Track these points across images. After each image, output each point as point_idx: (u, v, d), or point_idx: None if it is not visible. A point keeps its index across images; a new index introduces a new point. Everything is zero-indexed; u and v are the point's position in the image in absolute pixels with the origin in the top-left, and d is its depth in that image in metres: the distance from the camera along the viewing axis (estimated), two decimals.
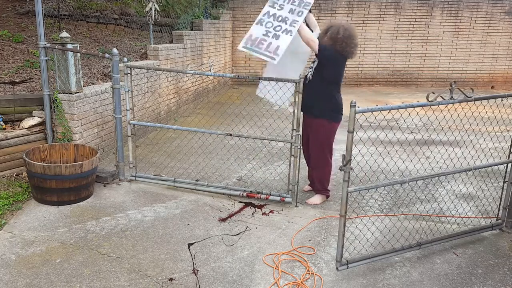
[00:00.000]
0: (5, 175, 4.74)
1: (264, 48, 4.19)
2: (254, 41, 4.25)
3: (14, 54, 6.57)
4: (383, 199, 4.83)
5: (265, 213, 4.37)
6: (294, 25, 4.26)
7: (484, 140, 5.67)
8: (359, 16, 13.08)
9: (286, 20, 4.31)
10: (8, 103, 5.00)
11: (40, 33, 4.77)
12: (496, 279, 3.40)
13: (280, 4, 4.42)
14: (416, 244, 3.67)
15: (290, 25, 4.27)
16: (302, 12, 4.33)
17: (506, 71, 14.21)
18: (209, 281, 3.22)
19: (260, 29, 4.31)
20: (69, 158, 4.85)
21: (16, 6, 8.41)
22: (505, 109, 4.63)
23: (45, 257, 3.44)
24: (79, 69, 5.08)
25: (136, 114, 6.29)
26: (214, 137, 6.33)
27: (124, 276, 3.24)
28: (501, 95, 3.83)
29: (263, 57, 4.16)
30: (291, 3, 4.39)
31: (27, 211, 4.21)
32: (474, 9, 13.46)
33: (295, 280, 3.28)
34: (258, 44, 4.22)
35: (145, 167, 5.49)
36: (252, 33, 4.30)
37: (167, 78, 7.67)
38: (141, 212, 4.29)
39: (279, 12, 4.37)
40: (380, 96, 11.85)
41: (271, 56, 4.14)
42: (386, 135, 5.85)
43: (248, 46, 4.23)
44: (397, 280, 3.33)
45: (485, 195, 4.99)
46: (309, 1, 4.38)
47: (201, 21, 9.61)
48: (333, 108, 4.44)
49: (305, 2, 4.36)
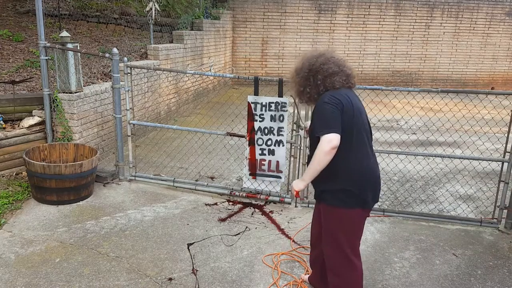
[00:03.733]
0: (4, 174, 4.74)
1: (268, 169, 4.50)
2: (256, 166, 4.50)
3: (14, 53, 6.57)
4: (383, 201, 4.83)
5: (264, 214, 4.37)
6: (282, 134, 4.39)
7: (483, 143, 5.67)
8: (359, 17, 13.09)
9: (273, 130, 4.41)
10: (8, 102, 5.00)
11: (40, 33, 4.77)
12: (495, 280, 3.40)
13: (259, 115, 4.41)
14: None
15: (278, 135, 4.41)
16: (282, 115, 4.36)
17: (506, 72, 14.22)
18: (208, 281, 3.22)
19: (255, 150, 4.48)
20: (69, 157, 4.84)
21: (17, 6, 8.41)
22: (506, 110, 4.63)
23: (45, 257, 3.44)
24: (79, 68, 5.08)
25: (136, 114, 6.29)
26: (214, 137, 6.34)
27: (124, 276, 3.24)
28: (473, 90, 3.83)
29: (272, 179, 4.51)
30: (268, 110, 4.40)
31: (27, 210, 4.21)
32: (474, 10, 13.47)
33: (295, 280, 3.28)
34: (261, 166, 4.49)
35: (145, 167, 5.49)
36: (250, 157, 4.50)
37: (167, 78, 7.67)
38: (141, 212, 4.29)
39: (263, 124, 4.43)
40: (380, 96, 11.85)
41: (277, 175, 4.48)
42: (387, 137, 5.85)
43: (255, 175, 4.55)
44: (396, 281, 3.33)
45: (482, 196, 4.99)
46: (284, 102, 4.34)
47: (201, 21, 9.61)
48: None
49: (281, 103, 4.35)
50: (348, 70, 2.71)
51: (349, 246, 2.69)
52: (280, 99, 4.34)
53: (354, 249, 2.72)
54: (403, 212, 4.44)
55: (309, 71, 2.70)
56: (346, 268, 2.71)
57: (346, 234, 2.67)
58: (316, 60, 2.69)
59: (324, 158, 2.50)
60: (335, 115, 2.52)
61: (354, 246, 2.71)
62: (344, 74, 2.67)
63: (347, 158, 2.58)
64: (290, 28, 12.91)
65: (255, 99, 4.39)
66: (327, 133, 2.49)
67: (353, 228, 2.68)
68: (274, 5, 12.67)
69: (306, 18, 12.91)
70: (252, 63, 12.90)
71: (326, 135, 2.48)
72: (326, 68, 2.65)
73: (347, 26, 13.12)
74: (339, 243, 2.68)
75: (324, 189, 2.69)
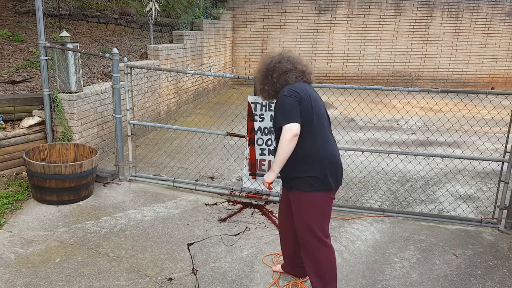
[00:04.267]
0: (4, 174, 4.74)
1: (268, 169, 4.48)
2: (256, 166, 4.50)
3: (14, 53, 6.57)
4: (382, 201, 4.83)
5: (264, 214, 4.37)
6: None
7: (483, 143, 5.68)
8: (359, 17, 13.10)
9: (272, 130, 4.38)
10: (8, 102, 5.00)
11: (40, 33, 4.77)
12: (495, 280, 3.40)
13: (259, 115, 4.42)
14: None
15: None
16: None
17: (506, 72, 14.22)
18: (208, 281, 3.22)
19: (255, 150, 4.48)
20: (69, 157, 4.84)
21: (17, 6, 8.41)
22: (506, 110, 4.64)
23: (45, 257, 3.44)
24: (79, 68, 5.08)
25: (136, 114, 6.29)
26: (214, 137, 6.34)
27: (124, 276, 3.24)
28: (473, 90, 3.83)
29: None
30: (268, 110, 4.41)
31: (27, 210, 4.21)
32: (474, 10, 13.47)
33: (295, 281, 3.28)
34: (261, 166, 4.49)
35: (145, 167, 5.49)
36: (250, 157, 4.50)
37: (167, 78, 7.68)
38: (141, 212, 4.29)
39: (263, 124, 4.43)
40: (380, 96, 11.85)
41: (277, 175, 4.50)
42: (387, 136, 5.85)
43: (255, 175, 4.55)
44: (396, 281, 3.33)
45: (482, 196, 5.00)
46: None
47: (202, 21, 9.61)
48: None
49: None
50: (303, 67, 2.92)
51: (320, 229, 2.87)
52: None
53: (325, 231, 2.91)
54: (403, 212, 4.44)
55: (267, 70, 2.93)
56: (320, 249, 2.89)
57: (316, 217, 2.85)
58: (272, 60, 2.93)
59: (288, 146, 2.70)
60: (294, 106, 2.72)
61: (324, 228, 2.90)
62: (298, 71, 2.89)
63: (310, 145, 2.78)
64: (290, 28, 12.91)
65: (255, 99, 4.39)
66: (287, 123, 2.69)
67: (322, 211, 2.86)
68: (274, 5, 12.67)
69: (306, 18, 12.91)
70: (252, 63, 12.90)
71: (286, 125, 2.69)
72: (280, 66, 2.88)
73: (347, 26, 13.13)
74: (311, 227, 2.86)
75: (293, 176, 2.86)
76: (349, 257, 3.61)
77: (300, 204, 2.87)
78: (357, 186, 5.19)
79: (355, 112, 7.21)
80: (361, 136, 6.96)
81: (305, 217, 2.86)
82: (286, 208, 3.11)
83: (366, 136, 6.88)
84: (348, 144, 6.70)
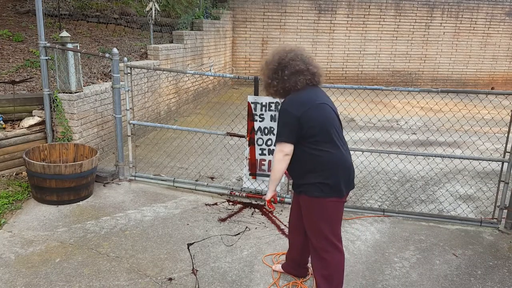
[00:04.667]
0: (4, 174, 4.74)
1: (268, 169, 4.47)
2: (256, 166, 4.49)
3: (14, 53, 6.57)
4: (382, 201, 4.83)
5: (264, 214, 4.37)
6: None
7: (483, 143, 5.68)
8: (359, 17, 13.09)
9: (273, 130, 4.42)
10: (8, 102, 5.00)
11: (40, 33, 4.77)
12: (495, 280, 3.40)
13: (259, 115, 4.41)
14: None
15: None
16: None
17: (506, 72, 14.22)
18: (208, 281, 3.22)
19: (255, 150, 4.47)
20: (69, 157, 4.84)
21: (17, 6, 8.41)
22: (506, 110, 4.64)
23: (45, 257, 3.44)
24: (79, 68, 5.08)
25: (136, 114, 6.29)
26: (214, 137, 6.34)
27: (124, 276, 3.24)
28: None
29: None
30: (268, 110, 4.40)
31: (27, 210, 4.21)
32: (474, 10, 13.47)
33: (295, 281, 3.28)
34: (261, 166, 4.48)
35: (145, 167, 5.49)
36: (250, 157, 4.49)
37: (167, 78, 7.68)
38: (141, 212, 4.29)
39: (263, 124, 4.42)
40: (380, 96, 11.85)
41: None
42: (387, 136, 5.85)
43: (255, 175, 4.53)
44: (396, 281, 3.33)
45: (482, 196, 4.99)
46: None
47: (202, 21, 9.61)
48: None
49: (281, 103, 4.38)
50: (314, 69, 2.81)
51: (332, 233, 2.81)
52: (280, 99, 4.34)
53: (337, 235, 2.85)
54: (403, 212, 4.44)
55: (278, 64, 2.80)
56: (331, 253, 2.84)
57: (327, 222, 2.79)
58: (286, 55, 2.80)
59: (279, 165, 2.72)
60: (291, 122, 2.68)
61: (337, 232, 2.85)
62: (309, 73, 2.78)
63: (320, 154, 2.71)
64: (290, 28, 12.91)
65: (255, 99, 4.39)
66: (279, 141, 2.70)
67: (333, 216, 2.80)
68: (274, 5, 12.67)
69: (306, 18, 12.91)
70: (252, 63, 12.90)
71: (278, 144, 2.71)
72: (294, 64, 2.76)
73: (347, 26, 13.12)
74: (322, 231, 2.80)
75: (303, 183, 2.80)
76: (349, 257, 3.61)
77: (310, 210, 2.82)
78: (357, 186, 5.19)
79: (355, 112, 7.21)
80: (361, 136, 6.96)
81: (316, 223, 2.81)
82: (297, 211, 3.07)
83: (366, 136, 6.88)
84: (348, 144, 6.69)
